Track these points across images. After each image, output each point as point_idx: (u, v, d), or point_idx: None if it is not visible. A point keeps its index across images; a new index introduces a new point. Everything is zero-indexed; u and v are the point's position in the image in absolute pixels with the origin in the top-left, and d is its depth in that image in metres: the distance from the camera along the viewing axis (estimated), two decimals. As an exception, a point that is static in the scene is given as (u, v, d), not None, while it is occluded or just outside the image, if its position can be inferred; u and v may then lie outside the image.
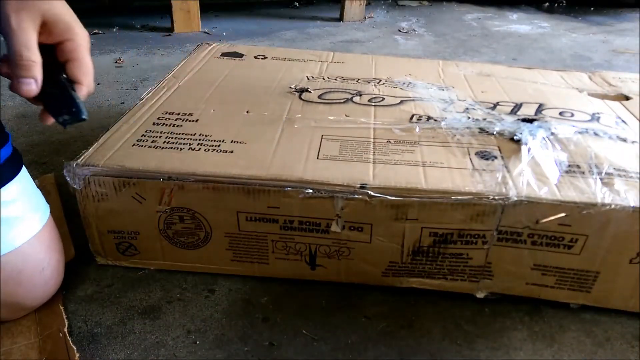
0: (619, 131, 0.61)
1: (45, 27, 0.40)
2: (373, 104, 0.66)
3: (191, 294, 0.55)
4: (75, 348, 0.47)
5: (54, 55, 0.42)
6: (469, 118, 0.62)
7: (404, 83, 0.74)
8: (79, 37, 0.42)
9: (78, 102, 0.41)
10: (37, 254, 0.49)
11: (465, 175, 0.50)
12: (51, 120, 0.42)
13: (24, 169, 0.50)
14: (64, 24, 0.41)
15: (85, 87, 0.42)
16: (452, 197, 0.48)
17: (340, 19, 1.85)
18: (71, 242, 0.59)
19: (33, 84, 0.39)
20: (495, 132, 0.58)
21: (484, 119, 0.62)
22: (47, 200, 0.53)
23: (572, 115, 0.65)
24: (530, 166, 0.52)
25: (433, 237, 0.50)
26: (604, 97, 0.72)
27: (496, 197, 0.48)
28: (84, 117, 0.41)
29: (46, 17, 0.39)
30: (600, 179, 0.50)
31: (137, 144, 0.55)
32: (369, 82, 0.74)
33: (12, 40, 0.38)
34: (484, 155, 0.54)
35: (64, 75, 0.42)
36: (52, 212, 0.53)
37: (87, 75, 0.42)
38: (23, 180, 0.49)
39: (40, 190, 0.53)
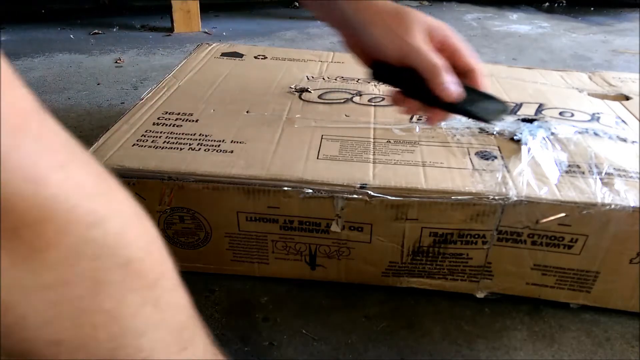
0: (619, 131, 0.61)
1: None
2: (373, 104, 0.66)
3: (191, 294, 0.55)
4: (75, 348, 0.47)
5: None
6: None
7: (404, 83, 0.74)
8: (450, 30, 0.45)
9: (490, 93, 0.45)
10: None
11: (465, 175, 0.50)
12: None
13: None
14: (441, 29, 0.44)
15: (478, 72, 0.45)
16: (452, 197, 0.48)
17: (340, 19, 1.84)
18: None
19: (458, 84, 0.42)
20: (495, 132, 0.58)
21: (484, 119, 0.62)
22: None
23: (572, 115, 0.65)
24: (530, 166, 0.52)
25: (433, 237, 0.50)
26: (604, 97, 0.72)
27: (496, 197, 0.48)
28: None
29: (430, 27, 0.43)
30: (600, 179, 0.50)
31: (137, 144, 0.55)
32: (369, 82, 0.74)
33: (420, 56, 0.41)
34: (484, 155, 0.54)
35: None
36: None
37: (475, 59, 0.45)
38: None
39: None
